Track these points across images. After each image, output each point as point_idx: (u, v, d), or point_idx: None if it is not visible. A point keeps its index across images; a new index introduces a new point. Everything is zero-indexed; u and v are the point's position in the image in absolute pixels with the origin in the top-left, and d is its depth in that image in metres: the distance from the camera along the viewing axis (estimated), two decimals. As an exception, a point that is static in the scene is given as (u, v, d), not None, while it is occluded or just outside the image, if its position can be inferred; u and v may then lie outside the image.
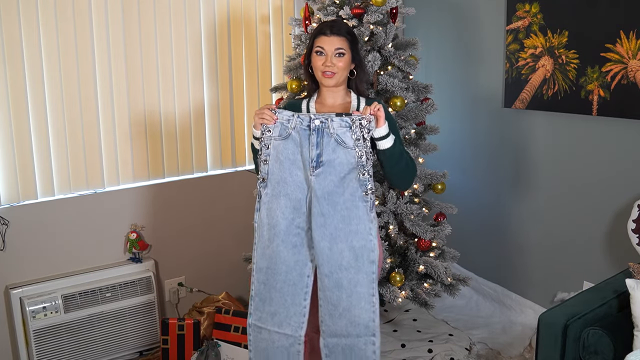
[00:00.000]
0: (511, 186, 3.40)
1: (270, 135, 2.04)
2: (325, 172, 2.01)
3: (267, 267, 2.08)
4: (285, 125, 2.03)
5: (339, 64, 2.12)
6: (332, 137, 2.00)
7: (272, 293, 2.09)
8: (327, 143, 2.01)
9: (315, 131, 2.00)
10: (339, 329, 2.07)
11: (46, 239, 2.97)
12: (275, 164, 2.04)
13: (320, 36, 2.14)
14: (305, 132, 2.01)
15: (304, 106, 2.25)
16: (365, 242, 2.02)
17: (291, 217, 2.05)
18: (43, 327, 2.85)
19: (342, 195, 2.01)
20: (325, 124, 2.00)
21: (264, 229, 2.08)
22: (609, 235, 2.92)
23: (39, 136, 2.91)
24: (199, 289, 3.43)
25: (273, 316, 2.10)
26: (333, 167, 2.01)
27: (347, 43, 2.14)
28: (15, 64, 2.80)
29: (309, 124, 2.01)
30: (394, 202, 2.88)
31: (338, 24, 2.18)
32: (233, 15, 3.39)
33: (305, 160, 2.02)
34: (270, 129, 2.03)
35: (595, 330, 2.18)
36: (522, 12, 3.15)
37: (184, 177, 3.37)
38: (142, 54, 3.13)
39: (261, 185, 2.07)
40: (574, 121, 3.01)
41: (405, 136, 2.97)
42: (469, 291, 3.54)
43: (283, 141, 2.03)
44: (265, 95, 3.54)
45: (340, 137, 2.00)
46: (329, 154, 2.00)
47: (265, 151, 2.05)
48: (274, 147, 2.04)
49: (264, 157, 2.05)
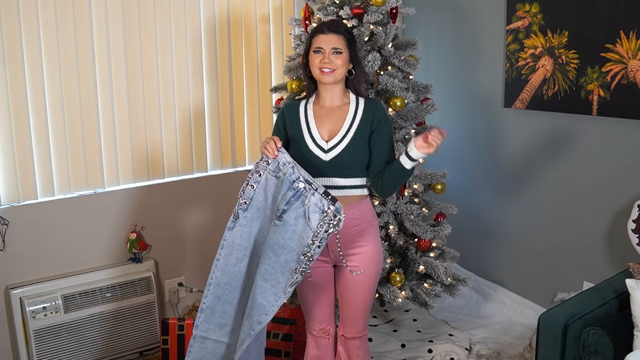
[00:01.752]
0: (511, 186, 3.40)
1: (266, 167, 2.08)
2: (280, 228, 2.03)
3: (227, 282, 2.13)
4: (280, 167, 2.06)
5: (336, 61, 2.13)
6: (303, 207, 2.01)
7: (227, 307, 2.14)
8: (295, 207, 2.02)
9: (294, 190, 2.03)
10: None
11: (46, 239, 2.97)
12: (262, 193, 2.09)
13: (318, 35, 2.16)
14: (288, 184, 2.04)
15: (302, 107, 2.25)
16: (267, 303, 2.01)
17: (260, 240, 2.12)
18: (43, 327, 2.85)
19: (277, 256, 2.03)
20: (305, 192, 2.00)
21: (233, 248, 2.12)
22: (609, 235, 2.92)
23: (39, 136, 2.91)
24: (199, 289, 3.43)
25: (222, 327, 2.16)
26: (286, 230, 2.02)
27: (345, 41, 2.15)
28: (15, 64, 2.80)
29: (294, 180, 2.03)
30: (394, 202, 2.88)
31: (336, 22, 2.20)
32: (233, 15, 3.39)
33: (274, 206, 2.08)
34: (269, 161, 2.07)
35: (595, 330, 2.18)
36: (522, 12, 3.15)
37: (184, 177, 3.37)
38: (142, 54, 3.13)
39: (241, 208, 2.11)
40: (574, 121, 3.01)
41: (405, 136, 2.97)
42: (469, 291, 3.54)
43: (273, 177, 2.08)
44: (265, 95, 3.54)
45: (309, 212, 2.00)
46: (290, 217, 2.02)
47: (256, 177, 2.09)
48: (266, 179, 2.09)
49: (252, 182, 2.09)
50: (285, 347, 2.88)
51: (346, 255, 2.21)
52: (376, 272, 2.26)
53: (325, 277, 2.29)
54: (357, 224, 2.20)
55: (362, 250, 2.21)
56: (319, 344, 2.38)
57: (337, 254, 2.22)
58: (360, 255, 2.21)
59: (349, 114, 2.19)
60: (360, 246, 2.21)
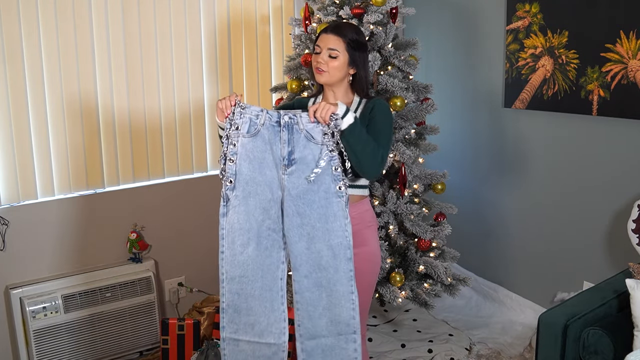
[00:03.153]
0: (511, 186, 3.40)
1: (238, 133, 1.91)
2: (298, 170, 1.93)
3: (241, 275, 1.98)
4: (255, 121, 1.92)
5: (330, 63, 2.09)
6: (302, 132, 1.92)
7: (250, 302, 1.99)
8: (297, 139, 1.92)
9: (286, 127, 1.92)
10: (318, 329, 2.01)
11: (46, 239, 2.97)
12: (244, 163, 1.93)
13: (321, 34, 2.14)
14: (274, 128, 1.92)
15: (312, 101, 2.26)
16: (342, 240, 1.96)
17: (261, 218, 1.96)
18: (43, 327, 2.85)
19: (317, 193, 1.93)
20: (295, 120, 1.93)
21: (235, 234, 1.97)
22: (609, 235, 2.92)
23: (39, 136, 2.91)
24: (199, 289, 3.43)
25: (252, 326, 2.01)
26: (306, 164, 1.93)
27: (344, 44, 2.09)
28: (15, 64, 2.80)
29: (278, 119, 1.93)
30: (394, 202, 2.88)
31: (344, 26, 2.12)
32: (233, 15, 3.39)
33: (276, 159, 1.94)
34: (238, 125, 1.92)
35: (595, 330, 2.18)
36: (522, 12, 3.15)
37: (184, 177, 3.37)
38: (142, 54, 3.13)
39: (228, 188, 1.95)
40: (574, 121, 3.01)
41: (405, 136, 2.97)
42: (469, 291, 3.54)
43: (252, 139, 1.92)
44: (266, 95, 3.54)
45: (309, 132, 1.93)
46: (300, 151, 1.93)
47: (232, 149, 1.92)
48: (243, 145, 1.92)
49: (230, 155, 1.92)
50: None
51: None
52: (374, 272, 2.25)
53: None
54: (355, 224, 2.16)
55: (359, 251, 2.16)
56: None
57: None
58: (357, 256, 2.18)
59: None
60: (357, 247, 2.18)
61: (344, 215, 1.95)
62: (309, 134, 1.93)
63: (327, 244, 1.96)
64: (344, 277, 1.97)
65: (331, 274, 1.97)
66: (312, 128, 1.93)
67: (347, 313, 1.99)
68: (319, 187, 1.94)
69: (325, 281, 1.98)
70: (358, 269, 2.19)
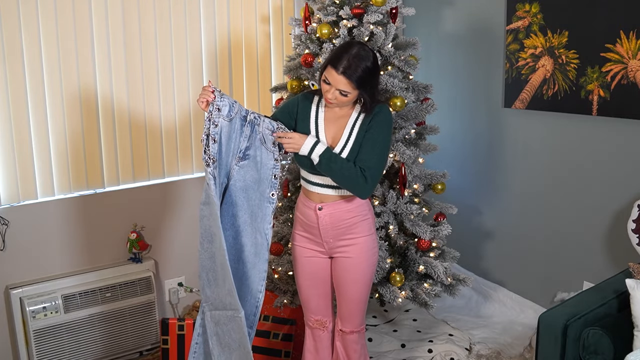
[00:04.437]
0: (511, 186, 3.40)
1: (219, 114, 2.05)
2: (248, 165, 2.12)
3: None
4: (232, 107, 2.07)
5: (340, 98, 2.11)
6: (259, 134, 2.11)
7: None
8: (254, 139, 2.11)
9: (250, 124, 2.10)
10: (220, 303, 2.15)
11: (46, 239, 2.97)
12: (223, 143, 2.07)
13: (331, 68, 2.07)
14: (242, 121, 2.09)
15: (314, 106, 2.24)
16: (264, 241, 2.14)
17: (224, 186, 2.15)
18: (43, 327, 2.85)
19: (255, 192, 2.13)
20: (257, 121, 2.11)
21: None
22: (609, 235, 2.92)
23: (39, 136, 2.91)
24: (199, 289, 3.43)
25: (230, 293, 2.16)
26: (255, 163, 2.12)
27: (354, 85, 2.06)
28: (15, 64, 2.80)
29: (245, 115, 2.10)
30: (394, 202, 2.88)
31: (354, 64, 2.05)
32: (233, 15, 3.39)
33: (234, 148, 2.10)
34: (219, 107, 2.04)
35: (595, 330, 2.18)
36: (522, 12, 3.15)
37: (183, 177, 3.37)
38: (142, 54, 3.13)
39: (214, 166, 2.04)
40: (574, 121, 3.01)
41: (405, 136, 2.97)
42: (469, 291, 3.54)
43: (228, 123, 2.07)
44: (266, 95, 3.54)
45: (264, 137, 2.12)
46: (254, 150, 2.11)
47: (213, 129, 2.03)
48: (221, 126, 2.05)
49: (212, 134, 2.03)
50: (285, 347, 2.88)
51: (339, 246, 2.26)
52: (370, 264, 2.30)
53: (320, 267, 2.34)
54: (351, 216, 2.24)
55: (356, 241, 2.26)
56: (315, 335, 2.41)
57: (331, 244, 2.25)
58: (354, 246, 2.26)
59: (348, 124, 2.19)
60: (353, 237, 2.25)
61: (269, 220, 2.14)
62: (263, 138, 2.12)
63: (252, 241, 2.14)
64: (257, 275, 2.16)
65: (248, 269, 2.15)
66: (267, 134, 2.12)
67: (249, 309, 2.16)
68: (258, 187, 2.13)
69: (240, 273, 2.15)
70: (356, 260, 2.24)
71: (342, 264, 2.29)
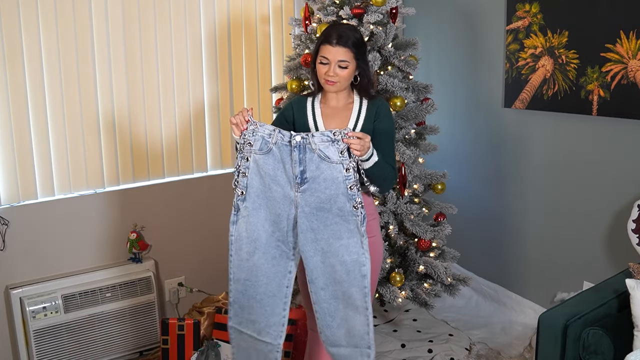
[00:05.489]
0: (511, 186, 3.40)
1: (250, 149, 2.00)
2: (310, 188, 1.99)
3: (246, 279, 2.08)
4: (267, 140, 2.00)
5: (341, 74, 2.11)
6: (314, 152, 1.97)
7: (252, 303, 2.10)
8: (310, 159, 1.98)
9: (297, 147, 1.98)
10: (337, 339, 2.10)
11: (46, 239, 2.97)
12: (256, 178, 2.02)
13: (326, 45, 2.11)
14: (286, 147, 1.98)
15: (310, 105, 2.25)
16: (357, 257, 2.01)
17: (271, 230, 2.05)
18: (43, 327, 2.85)
19: (330, 211, 2.00)
20: (307, 140, 1.97)
21: (242, 242, 2.06)
22: (609, 235, 2.92)
23: (39, 136, 2.91)
24: (199, 289, 3.43)
25: (253, 323, 2.13)
26: (318, 182, 1.99)
27: (352, 54, 2.11)
28: (15, 64, 2.80)
29: (289, 139, 1.98)
30: (394, 202, 2.89)
31: (346, 33, 2.12)
32: (233, 15, 3.39)
33: (289, 177, 2.00)
34: (251, 142, 2.00)
35: (595, 330, 2.18)
36: (522, 12, 3.15)
37: (184, 177, 3.37)
38: (142, 54, 3.13)
39: (239, 199, 2.04)
40: (574, 121, 3.01)
41: (405, 136, 2.97)
42: (469, 291, 3.54)
43: (264, 155, 2.00)
44: (266, 95, 3.54)
45: (323, 152, 1.97)
46: (312, 171, 1.99)
47: (244, 164, 2.02)
48: (255, 161, 2.01)
49: (242, 169, 2.02)
50: (285, 347, 2.88)
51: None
52: (377, 265, 2.28)
53: None
54: None
55: None
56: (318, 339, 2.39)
57: None
58: None
59: (353, 114, 2.20)
60: None
61: (359, 232, 2.00)
62: (322, 152, 1.98)
63: (339, 260, 2.02)
64: (358, 292, 2.04)
65: (345, 288, 2.04)
66: (326, 147, 1.97)
67: (362, 328, 2.06)
68: (332, 205, 2.00)
69: (341, 294, 2.05)
70: None
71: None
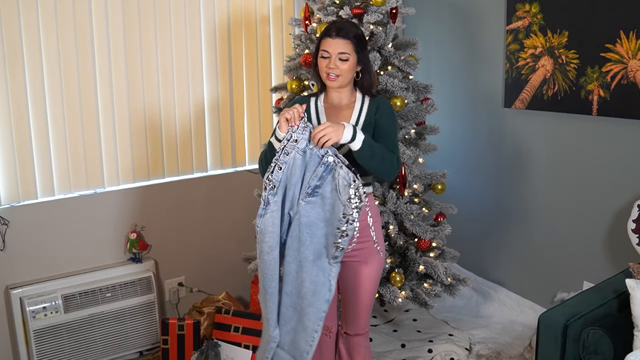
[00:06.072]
0: (511, 186, 3.40)
1: (294, 145, 2.01)
2: (316, 202, 2.01)
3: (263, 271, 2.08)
4: (310, 143, 2.02)
5: (342, 67, 2.12)
6: (334, 181, 1.99)
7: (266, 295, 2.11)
8: (328, 182, 2.00)
9: (324, 165, 1.99)
10: (283, 341, 2.12)
11: (46, 239, 2.97)
12: (286, 174, 2.03)
13: (326, 38, 2.14)
14: (317, 159, 2.00)
15: (313, 104, 2.26)
16: (325, 281, 2.04)
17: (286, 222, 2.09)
18: (43, 327, 2.85)
19: (320, 230, 2.03)
20: (334, 166, 1.98)
21: (266, 235, 2.06)
22: (609, 235, 2.92)
23: (39, 136, 2.91)
24: (199, 289, 3.43)
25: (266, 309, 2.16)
26: (323, 202, 2.01)
27: (353, 46, 2.12)
28: (15, 64, 2.80)
29: (323, 155, 2.00)
30: (394, 202, 2.88)
31: (346, 27, 2.15)
32: (233, 16, 3.39)
33: (304, 183, 2.02)
34: (297, 138, 2.00)
35: (595, 330, 2.18)
36: (522, 12, 3.15)
37: (184, 177, 3.37)
38: (142, 54, 3.13)
39: (271, 193, 2.04)
40: (574, 121, 3.01)
41: (405, 136, 2.97)
42: (469, 291, 3.54)
43: (301, 156, 2.02)
44: (266, 95, 3.54)
45: (339, 188, 1.99)
46: (325, 191, 2.00)
47: (283, 158, 2.01)
48: (293, 158, 2.02)
49: (280, 163, 2.02)
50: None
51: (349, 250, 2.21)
52: (379, 267, 2.28)
53: None
54: (363, 218, 2.21)
55: (366, 245, 2.22)
56: (321, 341, 2.39)
57: None
58: (364, 250, 2.23)
59: (354, 113, 2.20)
60: (363, 241, 2.21)
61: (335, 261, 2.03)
62: (339, 185, 1.98)
63: (311, 279, 2.04)
64: (314, 314, 2.06)
65: (305, 305, 2.07)
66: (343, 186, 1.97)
67: (305, 346, 2.10)
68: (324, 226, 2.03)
69: (300, 308, 2.08)
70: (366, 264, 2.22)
71: (353, 269, 2.25)
